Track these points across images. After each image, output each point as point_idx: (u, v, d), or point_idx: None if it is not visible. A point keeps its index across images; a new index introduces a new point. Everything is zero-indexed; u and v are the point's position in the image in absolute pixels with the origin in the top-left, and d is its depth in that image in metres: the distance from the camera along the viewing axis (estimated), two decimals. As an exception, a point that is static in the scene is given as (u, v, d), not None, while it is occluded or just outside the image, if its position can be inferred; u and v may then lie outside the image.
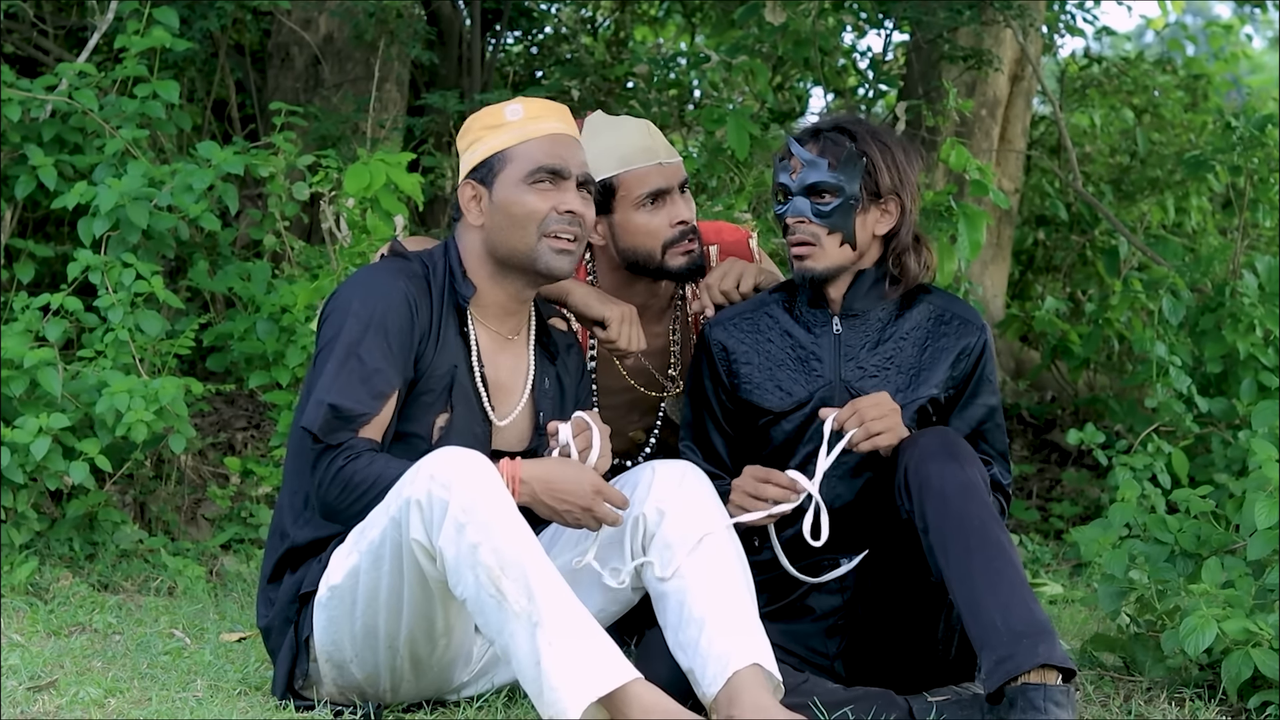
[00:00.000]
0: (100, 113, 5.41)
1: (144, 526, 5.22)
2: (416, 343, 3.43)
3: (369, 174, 5.27)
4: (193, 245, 5.54)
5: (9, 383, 4.79)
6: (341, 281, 3.56)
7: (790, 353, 3.68)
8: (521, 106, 3.53)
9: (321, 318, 3.50)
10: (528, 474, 3.35)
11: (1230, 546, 3.96)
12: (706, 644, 3.29)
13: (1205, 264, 6.08)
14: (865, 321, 3.67)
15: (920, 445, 3.44)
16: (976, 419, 3.68)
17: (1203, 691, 3.79)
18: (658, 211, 3.87)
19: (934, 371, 3.65)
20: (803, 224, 3.60)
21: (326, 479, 3.36)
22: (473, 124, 3.55)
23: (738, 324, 3.73)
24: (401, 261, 3.53)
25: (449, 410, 3.48)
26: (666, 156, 3.90)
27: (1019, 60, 6.63)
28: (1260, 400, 5.52)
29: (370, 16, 6.36)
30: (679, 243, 3.88)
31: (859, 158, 3.60)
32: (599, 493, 3.36)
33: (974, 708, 3.41)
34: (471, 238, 3.54)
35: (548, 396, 3.62)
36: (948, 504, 3.36)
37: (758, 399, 3.68)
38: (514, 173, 3.50)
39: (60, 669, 3.76)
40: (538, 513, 3.37)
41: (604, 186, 3.87)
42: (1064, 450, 6.77)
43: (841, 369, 3.65)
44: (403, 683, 3.45)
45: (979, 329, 3.68)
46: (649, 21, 8.29)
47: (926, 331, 3.67)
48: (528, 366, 3.61)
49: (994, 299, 6.64)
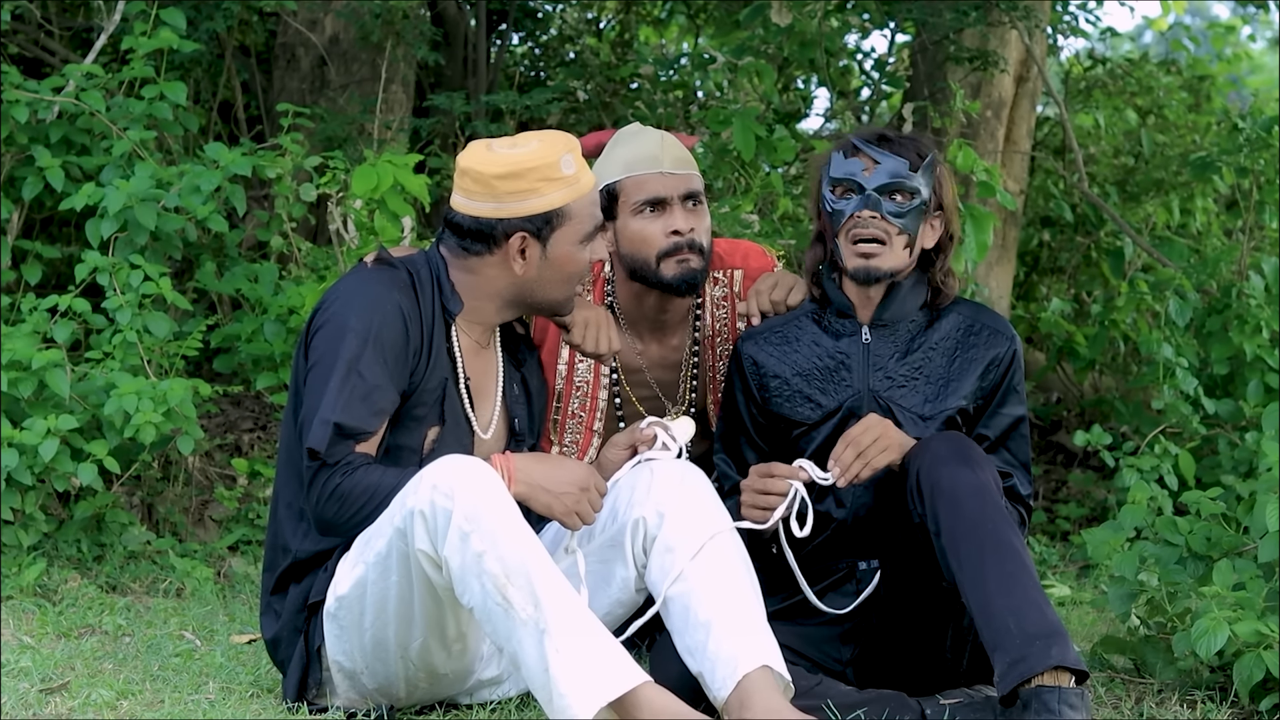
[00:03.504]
0: (107, 114, 5.42)
1: (151, 528, 5.22)
2: (410, 356, 3.42)
3: (376, 175, 5.27)
4: (200, 246, 5.54)
5: (17, 384, 4.79)
6: (332, 285, 3.49)
7: (819, 363, 3.68)
8: (573, 158, 3.47)
9: (313, 328, 3.45)
10: (521, 466, 3.37)
11: (1240, 549, 3.96)
12: (715, 647, 3.29)
13: (1211, 265, 6.07)
14: (894, 331, 3.67)
15: (932, 449, 3.45)
16: (1002, 428, 3.68)
17: (1214, 694, 3.79)
18: (655, 219, 3.86)
19: (963, 382, 3.65)
20: (876, 220, 3.59)
21: (323, 496, 3.34)
22: (523, 171, 3.42)
23: (768, 338, 3.74)
24: (390, 270, 3.48)
25: (441, 423, 3.48)
26: (672, 167, 3.88)
27: (1024, 61, 6.62)
28: (1267, 401, 5.52)
29: (376, 17, 6.36)
30: (674, 253, 3.85)
31: (935, 166, 3.62)
32: (586, 490, 3.38)
33: (987, 709, 3.41)
34: (496, 276, 3.49)
35: (518, 402, 3.63)
36: (960, 507, 3.36)
37: (788, 411, 3.68)
38: (572, 232, 3.48)
39: (71, 671, 3.77)
40: (532, 507, 3.37)
41: (609, 192, 3.87)
42: (1070, 452, 6.77)
43: (870, 379, 3.65)
44: (418, 690, 3.45)
45: (1009, 339, 3.69)
46: (653, 23, 8.28)
47: (956, 342, 3.67)
48: (497, 372, 3.61)
49: (999, 300, 6.63)
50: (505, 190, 3.43)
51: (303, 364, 3.46)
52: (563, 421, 4.01)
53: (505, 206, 3.44)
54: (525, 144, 3.47)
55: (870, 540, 3.61)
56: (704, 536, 3.38)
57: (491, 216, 3.45)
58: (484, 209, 3.45)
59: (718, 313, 4.04)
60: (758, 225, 5.59)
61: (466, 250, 3.48)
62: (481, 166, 3.42)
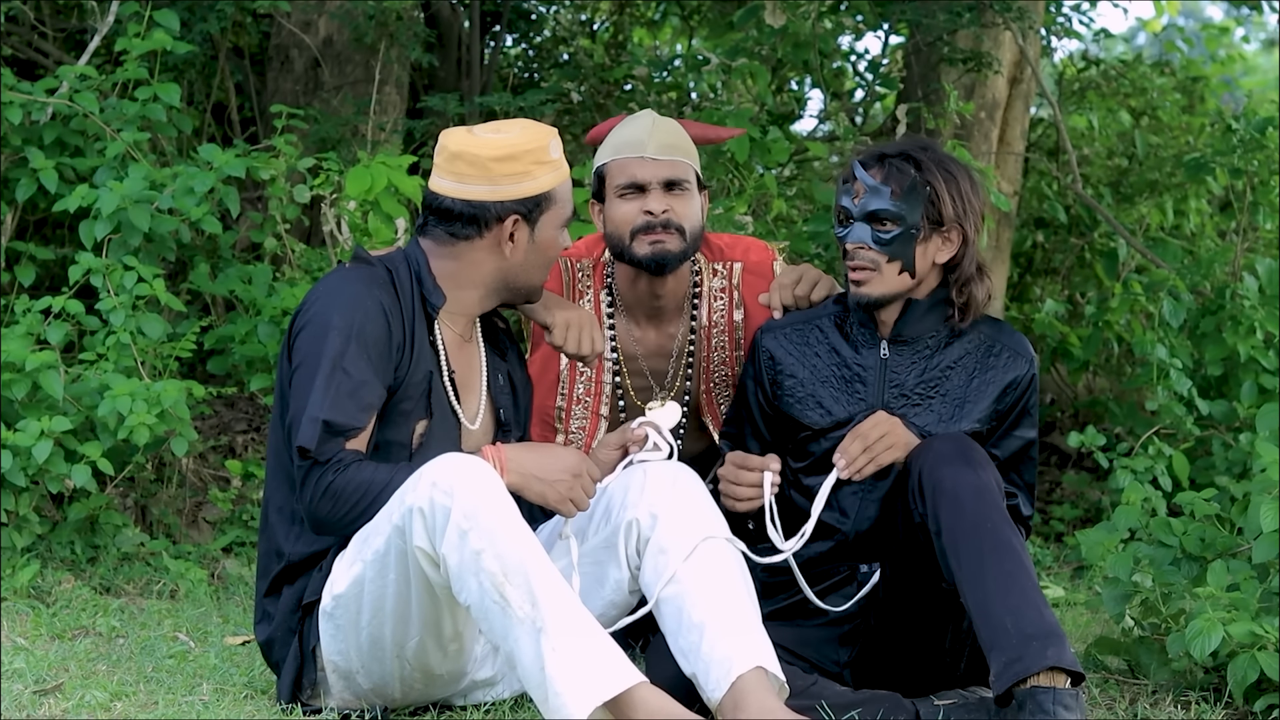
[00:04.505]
0: (101, 115, 5.41)
1: (145, 529, 5.21)
2: (394, 352, 3.42)
3: (370, 177, 5.28)
4: (194, 248, 5.54)
5: (11, 386, 4.79)
6: (312, 287, 3.49)
7: (835, 371, 3.68)
8: (558, 143, 3.51)
9: (295, 329, 3.45)
10: (513, 457, 3.38)
11: (1235, 550, 3.96)
12: (708, 649, 3.28)
13: (1205, 266, 6.08)
14: (914, 348, 3.66)
15: (934, 450, 3.45)
16: (1012, 450, 3.68)
17: (1208, 694, 3.79)
18: (632, 201, 3.91)
19: (978, 404, 3.64)
20: (862, 250, 3.58)
21: (317, 494, 3.34)
22: (519, 153, 3.45)
23: (788, 334, 3.73)
24: (369, 269, 3.48)
25: (428, 416, 3.48)
26: (656, 153, 3.92)
27: (1018, 62, 6.62)
28: (1261, 403, 5.52)
29: (370, 19, 6.35)
30: (646, 231, 3.89)
31: (923, 187, 3.57)
32: (579, 476, 3.39)
33: (981, 710, 3.41)
34: (483, 260, 3.50)
35: (503, 392, 3.64)
36: (961, 507, 3.36)
37: (797, 413, 3.68)
38: (557, 216, 3.52)
39: (65, 672, 3.76)
40: (527, 496, 3.38)
41: (599, 174, 3.97)
42: (1064, 453, 6.77)
43: (885, 394, 3.65)
44: (413, 690, 3.45)
45: (1029, 361, 3.67)
46: (647, 24, 8.28)
47: (976, 362, 3.66)
48: (480, 364, 3.61)
49: (993, 302, 6.63)
50: (501, 172, 3.45)
51: (287, 367, 3.46)
52: (568, 408, 4.03)
53: (500, 189, 3.46)
54: (509, 129, 3.50)
55: (871, 547, 3.61)
56: (697, 538, 3.38)
57: (486, 199, 3.47)
58: (479, 191, 3.46)
59: (715, 304, 4.06)
60: (752, 226, 5.60)
61: (455, 235, 3.49)
62: (476, 149, 3.44)
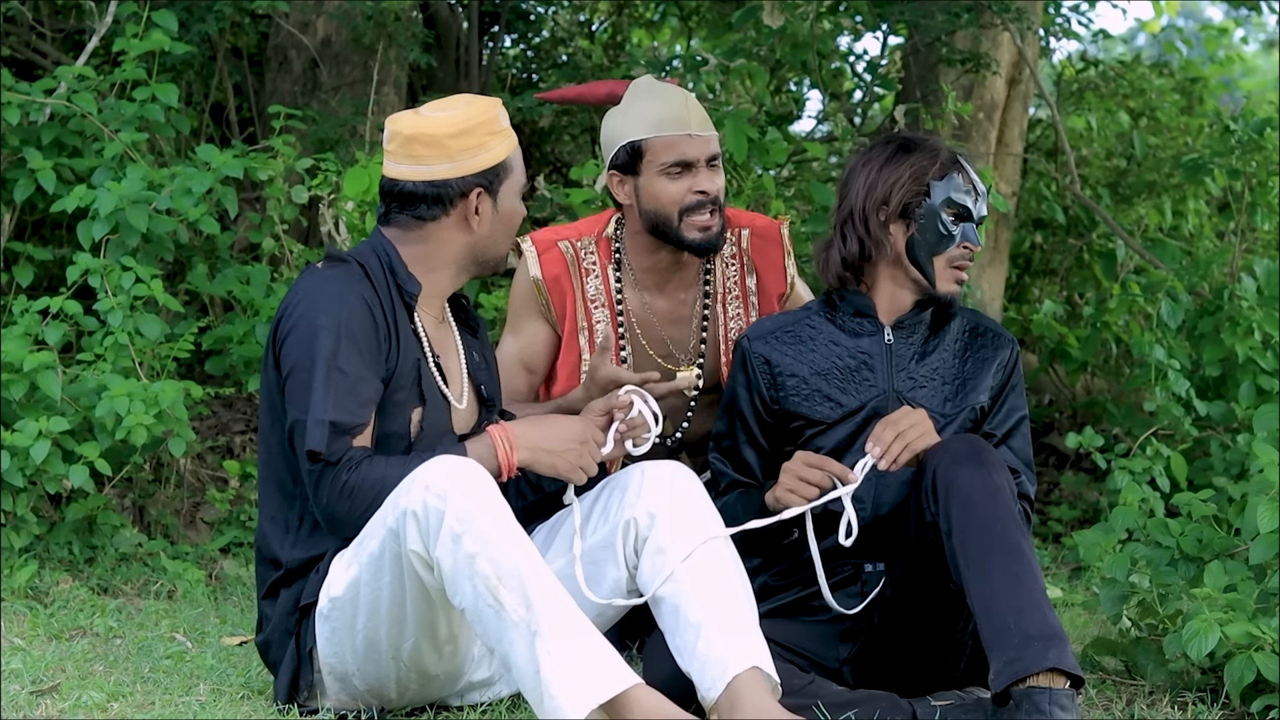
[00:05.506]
0: (99, 116, 5.41)
1: (143, 530, 5.21)
2: (382, 343, 3.43)
3: (368, 177, 5.27)
4: (192, 248, 5.54)
5: (9, 386, 4.79)
6: (289, 291, 3.49)
7: (839, 362, 3.68)
8: (504, 112, 3.55)
9: (279, 335, 3.44)
10: (521, 433, 3.40)
11: (1232, 550, 3.96)
12: (704, 649, 3.28)
13: (1203, 267, 6.08)
14: (910, 334, 3.69)
15: (949, 450, 3.46)
16: (1007, 426, 3.71)
17: (1205, 695, 3.79)
18: (680, 180, 3.96)
19: (979, 379, 3.68)
20: (973, 249, 3.67)
21: (333, 495, 3.34)
22: (472, 128, 3.48)
23: (779, 336, 3.73)
24: (343, 265, 3.48)
25: (422, 404, 3.48)
26: (698, 129, 3.99)
27: (1016, 63, 6.62)
28: (1259, 404, 5.52)
29: (368, 19, 6.36)
30: (696, 211, 3.96)
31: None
32: (585, 443, 3.43)
33: (978, 711, 3.41)
34: (451, 239, 3.52)
35: (481, 370, 3.65)
36: (973, 508, 3.37)
37: (806, 410, 3.67)
38: (515, 184, 3.55)
39: (62, 673, 3.76)
40: (538, 470, 3.42)
41: (633, 148, 3.99)
42: (1062, 454, 6.77)
43: (894, 379, 3.66)
44: (409, 691, 3.45)
45: (1010, 341, 3.75)
46: (645, 25, 8.28)
47: (965, 344, 3.71)
48: (456, 344, 3.63)
49: (991, 302, 6.63)
50: (459, 148, 3.48)
51: (274, 375, 3.45)
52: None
53: (460, 165, 3.48)
54: (454, 105, 3.53)
55: (878, 543, 3.61)
56: (695, 537, 3.38)
57: (448, 176, 3.49)
58: (439, 170, 3.48)
59: (728, 270, 4.13)
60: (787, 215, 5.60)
61: (421, 218, 3.51)
62: (432, 129, 3.46)
